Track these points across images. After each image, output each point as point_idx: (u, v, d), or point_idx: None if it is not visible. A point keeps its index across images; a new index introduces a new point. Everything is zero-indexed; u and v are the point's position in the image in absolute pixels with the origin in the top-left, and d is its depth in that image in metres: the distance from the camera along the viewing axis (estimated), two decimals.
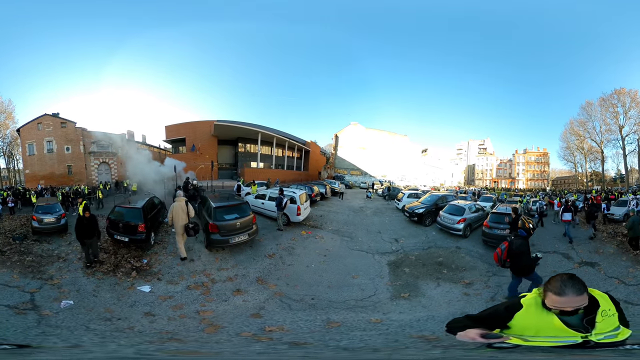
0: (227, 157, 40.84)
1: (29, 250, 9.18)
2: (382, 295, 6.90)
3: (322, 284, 7.51)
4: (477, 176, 67.43)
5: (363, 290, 7.16)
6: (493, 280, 7.81)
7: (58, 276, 7.34)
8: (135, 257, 8.58)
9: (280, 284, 7.39)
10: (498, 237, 10.06)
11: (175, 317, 5.55)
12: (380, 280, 7.87)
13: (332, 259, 9.36)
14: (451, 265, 9.02)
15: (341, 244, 11.04)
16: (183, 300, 6.31)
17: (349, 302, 6.49)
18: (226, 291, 6.85)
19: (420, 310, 6.09)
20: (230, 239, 8.96)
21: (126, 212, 9.64)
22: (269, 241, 10.43)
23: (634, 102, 41.68)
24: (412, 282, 7.80)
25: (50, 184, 29.22)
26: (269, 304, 6.25)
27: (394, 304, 6.44)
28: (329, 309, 6.02)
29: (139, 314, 5.66)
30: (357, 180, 45.51)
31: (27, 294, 6.28)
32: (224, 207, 9.59)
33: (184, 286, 7.00)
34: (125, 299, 6.26)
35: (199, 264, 8.29)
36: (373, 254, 9.93)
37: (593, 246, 10.42)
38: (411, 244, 11.21)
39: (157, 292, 6.63)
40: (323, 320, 5.42)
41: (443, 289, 7.38)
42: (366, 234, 12.32)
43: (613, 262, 8.74)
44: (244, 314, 5.73)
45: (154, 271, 7.81)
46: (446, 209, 12.93)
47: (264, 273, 7.97)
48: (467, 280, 7.87)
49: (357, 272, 8.33)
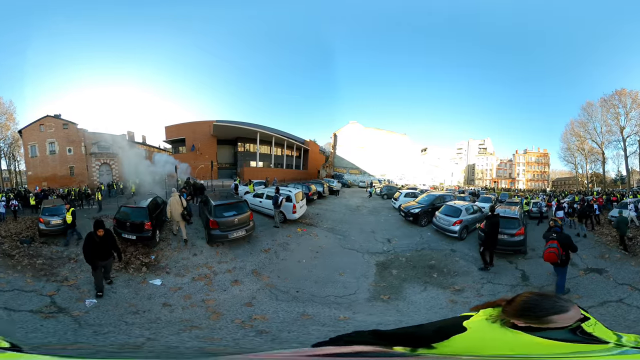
0: (226, 157, 41.09)
1: (38, 253, 9.12)
2: (362, 295, 7.11)
3: (309, 278, 7.91)
4: (477, 176, 67.35)
5: (345, 288, 7.44)
6: (486, 288, 7.44)
7: (73, 277, 7.34)
8: (143, 253, 9.02)
9: (273, 276, 7.91)
10: (498, 242, 9.28)
11: (187, 306, 6.14)
12: (365, 280, 8.04)
13: (323, 256, 9.69)
14: (443, 269, 8.70)
15: (334, 241, 11.32)
16: (190, 291, 6.89)
17: (329, 297, 6.87)
18: (225, 282, 7.47)
19: (391, 314, 6.12)
20: (229, 234, 9.64)
21: (132, 211, 10.05)
22: (265, 237, 10.92)
23: (635, 103, 41.38)
24: (396, 285, 7.72)
25: (52, 186, 29.28)
26: (260, 294, 6.80)
27: (369, 305, 6.63)
28: (308, 303, 6.47)
29: (158, 305, 6.15)
30: (356, 179, 45.70)
31: (46, 297, 6.20)
32: (223, 205, 10.19)
33: (190, 278, 7.59)
34: (141, 293, 6.64)
35: (202, 258, 8.92)
36: (363, 254, 10.08)
37: (598, 251, 10.07)
38: (404, 244, 11.07)
39: (167, 285, 7.17)
40: (299, 313, 5.89)
41: (429, 294, 7.18)
42: (359, 233, 12.49)
43: (621, 267, 8.35)
44: (239, 303, 6.33)
45: (162, 266, 8.33)
46: (442, 209, 12.62)
47: (259, 266, 8.52)
48: (457, 286, 7.52)
49: (344, 270, 8.55)
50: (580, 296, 6.79)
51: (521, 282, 7.86)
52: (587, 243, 11.07)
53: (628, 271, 8.02)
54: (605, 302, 6.39)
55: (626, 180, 43.87)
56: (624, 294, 6.71)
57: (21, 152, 35.63)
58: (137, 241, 9.53)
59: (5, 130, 37.12)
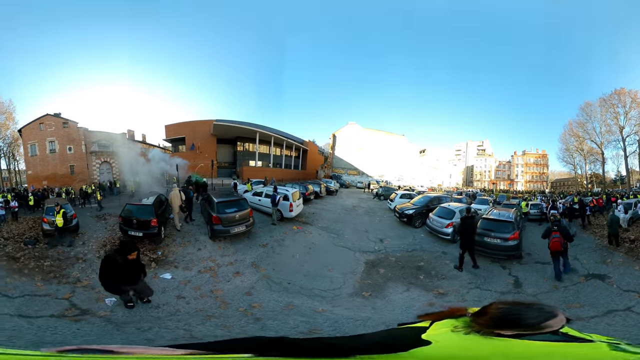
0: (226, 156, 41.38)
1: (44, 254, 8.91)
2: (345, 290, 7.45)
3: (300, 272, 8.42)
4: (476, 177, 67.36)
5: (332, 282, 7.82)
6: (472, 294, 7.27)
7: (84, 277, 7.29)
8: (150, 250, 9.31)
9: (269, 268, 8.49)
10: (490, 246, 9.33)
11: (198, 297, 6.57)
12: (352, 276, 8.34)
13: (315, 252, 10.20)
14: (431, 271, 8.64)
15: (327, 239, 11.76)
16: (198, 283, 7.35)
17: (315, 290, 7.29)
18: (228, 273, 8.02)
19: (366, 311, 6.24)
20: (231, 229, 10.24)
21: (138, 209, 10.31)
22: (263, 233, 11.52)
23: (635, 103, 40.84)
24: (381, 283, 7.86)
25: (52, 185, 29.07)
26: (258, 285, 7.38)
27: (349, 300, 6.94)
28: (296, 294, 6.97)
29: (173, 298, 6.50)
30: (354, 179, 45.93)
31: (63, 300, 6.07)
32: (225, 202, 10.76)
33: (197, 271, 8.07)
34: (155, 287, 6.69)
35: (206, 252, 9.43)
36: (354, 252, 10.39)
37: (599, 255, 9.61)
38: (395, 245, 11.22)
39: (177, 278, 7.55)
40: (286, 303, 6.38)
41: (410, 294, 7.16)
42: (353, 232, 12.80)
43: (625, 272, 7.87)
44: (240, 292, 6.88)
45: (170, 260, 8.71)
46: (436, 211, 12.59)
47: (257, 259, 9.11)
48: (442, 289, 7.41)
49: (334, 266, 8.92)
50: (582, 305, 6.34)
51: (513, 289, 7.52)
52: (587, 247, 10.72)
53: (632, 276, 7.52)
54: (611, 311, 5.91)
55: (626, 180, 43.30)
56: (631, 301, 6.25)
57: (21, 151, 35.41)
58: (143, 238, 9.75)
59: (4, 130, 36.89)
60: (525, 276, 8.21)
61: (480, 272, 8.51)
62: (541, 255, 9.25)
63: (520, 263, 9.16)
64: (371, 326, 5.28)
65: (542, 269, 8.53)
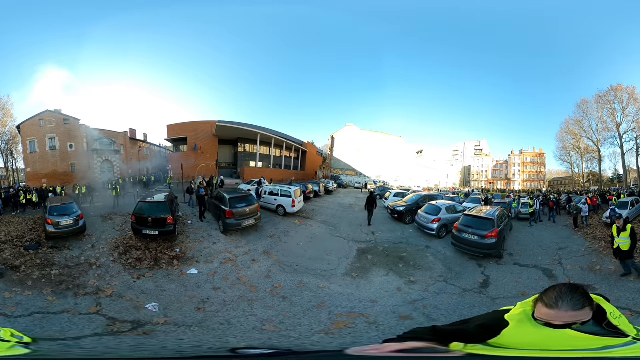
0: (227, 157, 42.27)
1: (50, 261, 7.74)
2: (340, 271, 8.91)
3: (305, 256, 9.89)
4: (473, 177, 67.75)
5: (330, 265, 9.32)
6: (437, 287, 7.49)
7: (106, 285, 6.49)
8: (167, 248, 9.52)
9: (279, 255, 9.86)
10: (468, 243, 9.40)
11: (231, 286, 7.39)
12: (345, 260, 9.83)
13: (316, 241, 11.68)
14: (410, 261, 9.33)
15: (326, 231, 13.22)
16: (224, 273, 8.24)
17: (317, 270, 8.77)
18: (247, 261, 9.20)
19: (352, 288, 7.51)
20: (242, 223, 11.39)
21: (151, 206, 10.29)
22: (269, 227, 12.96)
23: (632, 99, 39.45)
24: (367, 267, 9.14)
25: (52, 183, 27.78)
26: (273, 269, 8.73)
27: (342, 279, 8.31)
28: (304, 274, 8.43)
29: (210, 290, 7.00)
30: (352, 180, 47.00)
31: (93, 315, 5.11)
32: (236, 198, 11.86)
33: (218, 263, 9.00)
34: (187, 284, 6.97)
35: (221, 246, 10.47)
36: (349, 241, 11.85)
37: (587, 260, 8.59)
38: (385, 237, 12.28)
39: (204, 272, 8.16)
40: (298, 281, 7.82)
41: (387, 279, 8.09)
42: (348, 226, 14.17)
43: (616, 284, 6.72)
44: (261, 276, 8.10)
45: (190, 256, 9.30)
46: (425, 208, 13.09)
47: (268, 248, 10.45)
48: (413, 278, 8.02)
49: (331, 252, 10.43)
50: None
51: (477, 289, 7.34)
52: (576, 250, 9.94)
53: (625, 289, 6.36)
54: None
55: (623, 178, 42.30)
56: None
57: (19, 149, 33.79)
58: (158, 236, 9.84)
59: (2, 127, 35.05)
60: (498, 277, 7.92)
61: (454, 267, 8.81)
62: (524, 257, 9.22)
63: (499, 263, 8.96)
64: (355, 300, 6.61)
65: (518, 272, 8.23)
